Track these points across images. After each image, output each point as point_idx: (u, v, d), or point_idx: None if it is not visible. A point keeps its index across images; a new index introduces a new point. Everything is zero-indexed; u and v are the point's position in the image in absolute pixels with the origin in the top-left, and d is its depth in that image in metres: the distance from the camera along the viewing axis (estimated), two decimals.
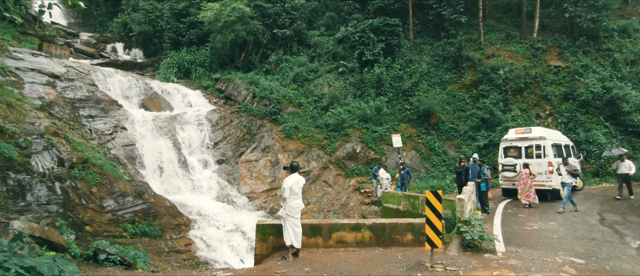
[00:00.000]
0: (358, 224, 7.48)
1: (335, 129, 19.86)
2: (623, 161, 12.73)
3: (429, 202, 5.89)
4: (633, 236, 8.01)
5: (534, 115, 20.72)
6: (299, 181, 6.66)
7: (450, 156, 19.28)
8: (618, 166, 12.86)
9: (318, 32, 26.32)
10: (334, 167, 18.66)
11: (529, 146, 13.22)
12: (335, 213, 16.64)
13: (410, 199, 11.73)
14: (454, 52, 22.55)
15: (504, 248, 7.14)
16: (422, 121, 20.68)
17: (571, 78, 21.17)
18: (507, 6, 27.48)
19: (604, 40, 22.40)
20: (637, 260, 6.26)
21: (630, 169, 12.62)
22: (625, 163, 12.66)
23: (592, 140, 18.93)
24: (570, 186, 10.74)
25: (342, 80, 22.60)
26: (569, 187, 10.71)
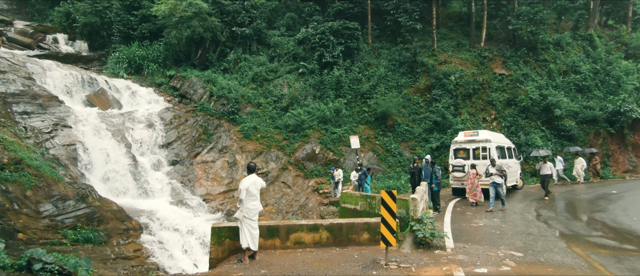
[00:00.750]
0: (316, 224, 7.53)
1: (295, 130, 19.84)
2: (545, 162, 13.85)
3: (384, 202, 6.07)
4: (562, 230, 8.83)
5: (481, 119, 22.14)
6: (256, 182, 6.55)
7: (405, 157, 20.03)
8: (541, 167, 13.98)
9: (278, 32, 26.15)
10: (293, 168, 18.62)
11: (476, 148, 14.10)
12: (294, 214, 16.60)
13: (367, 199, 12.01)
14: (410, 57, 23.48)
15: (453, 244, 7.55)
16: (379, 123, 21.29)
17: (513, 85, 22.92)
18: (458, 16, 29.13)
19: (541, 52, 24.53)
20: (567, 251, 6.91)
21: (551, 171, 13.84)
22: (547, 165, 13.76)
23: (531, 142, 20.61)
24: (501, 186, 11.37)
25: (302, 81, 22.63)
26: (501, 187, 11.33)
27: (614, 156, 22.23)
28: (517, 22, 23.67)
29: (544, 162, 13.90)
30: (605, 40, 27.32)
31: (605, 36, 28.03)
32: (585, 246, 7.27)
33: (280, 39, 25.26)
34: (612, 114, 21.52)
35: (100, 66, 24.67)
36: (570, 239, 7.92)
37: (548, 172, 13.73)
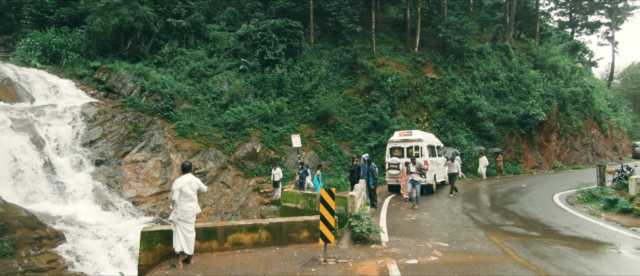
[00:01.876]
0: (255, 224, 7.41)
1: (235, 129, 19.31)
2: (452, 161, 14.56)
3: (323, 200, 6.19)
4: (482, 221, 9.80)
5: (414, 120, 23.62)
6: (191, 182, 6.22)
7: (345, 156, 20.61)
8: (448, 165, 14.70)
9: (218, 27, 25.21)
10: (233, 167, 18.11)
11: (410, 147, 15.02)
12: (233, 214, 16.15)
13: (308, 197, 12.12)
14: (350, 58, 24.19)
15: (387, 238, 7.96)
16: (320, 122, 21.61)
17: (443, 89, 24.82)
18: (395, 21, 30.71)
19: (467, 59, 26.91)
20: (485, 240, 7.68)
21: (457, 169, 14.61)
22: (454, 163, 14.48)
23: (457, 142, 22.51)
24: (420, 184, 11.80)
25: (243, 78, 22.09)
26: (419, 185, 11.72)
27: (524, 154, 25.22)
28: (447, 31, 25.68)
29: (451, 160, 14.58)
30: (518, 52, 30.84)
31: (518, 48, 31.64)
32: (499, 235, 8.14)
33: (220, 34, 24.39)
34: (523, 117, 24.39)
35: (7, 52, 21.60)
36: (487, 229, 8.81)
37: (455, 170, 14.45)
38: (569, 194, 14.34)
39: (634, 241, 7.57)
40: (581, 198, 13.18)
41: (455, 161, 14.65)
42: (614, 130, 35.91)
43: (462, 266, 5.95)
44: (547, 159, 26.63)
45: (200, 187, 6.38)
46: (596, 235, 8.12)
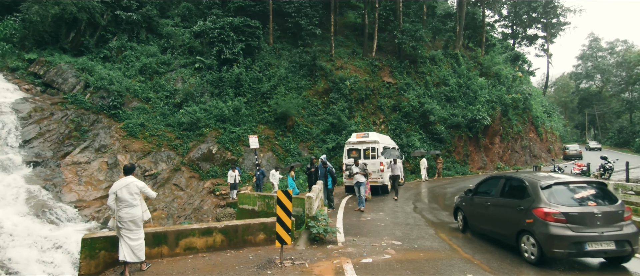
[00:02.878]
0: (209, 228, 7.17)
1: (190, 129, 18.59)
2: (395, 163, 14.15)
3: (280, 201, 6.14)
4: (432, 219, 10.29)
5: (371, 122, 24.26)
6: (129, 185, 5.72)
7: (304, 157, 20.65)
8: (392, 168, 14.21)
9: (172, 22, 24.17)
10: (187, 169, 17.41)
11: (367, 149, 15.39)
12: (186, 218, 15.52)
13: (265, 199, 11.98)
14: (310, 60, 24.31)
15: (343, 238, 8.07)
16: (279, 123, 21.47)
17: (398, 93, 25.76)
18: (353, 26, 31.37)
19: (420, 65, 28.16)
20: (435, 237, 8.07)
21: (400, 171, 14.20)
22: (397, 166, 14.13)
23: (411, 144, 23.45)
24: (364, 185, 11.68)
25: (198, 76, 21.34)
26: (363, 185, 11.59)
27: (471, 155, 26.88)
28: (402, 37, 26.70)
29: (394, 163, 14.18)
30: (466, 60, 32.85)
31: (467, 56, 33.70)
32: (448, 232, 8.59)
33: (175, 30, 23.40)
34: (471, 121, 26.00)
35: None
36: (437, 227, 9.26)
37: (397, 173, 14.11)
38: None
39: None
40: None
41: (398, 162, 14.38)
42: (548, 134, 39.47)
43: (414, 263, 6.20)
44: (491, 160, 28.59)
45: (144, 191, 5.92)
46: None
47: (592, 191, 6.07)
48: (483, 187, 8.04)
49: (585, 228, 5.56)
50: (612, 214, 5.71)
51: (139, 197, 5.87)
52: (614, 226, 5.64)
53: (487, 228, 7.46)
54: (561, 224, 5.60)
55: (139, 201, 5.87)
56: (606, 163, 16.14)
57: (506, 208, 6.73)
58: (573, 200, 5.92)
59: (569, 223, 5.60)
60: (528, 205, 6.09)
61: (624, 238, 5.54)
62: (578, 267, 6.03)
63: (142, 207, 5.93)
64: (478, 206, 7.76)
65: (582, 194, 6.03)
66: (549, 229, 5.62)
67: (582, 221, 5.61)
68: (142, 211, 5.93)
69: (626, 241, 5.54)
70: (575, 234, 5.52)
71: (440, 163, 23.07)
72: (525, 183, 6.45)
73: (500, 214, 6.92)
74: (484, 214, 7.47)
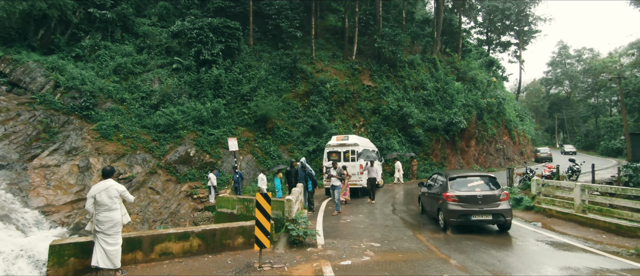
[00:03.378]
0: (186, 232, 7.01)
1: (167, 131, 18.15)
2: (372, 165, 13.90)
3: (259, 204, 6.09)
4: (411, 221, 10.45)
5: (351, 125, 24.45)
6: (109, 188, 5.61)
7: (284, 160, 20.54)
8: (368, 170, 13.91)
9: (149, 21, 23.56)
10: (164, 172, 16.98)
11: (346, 151, 15.48)
12: (163, 222, 15.12)
13: (245, 202, 11.82)
14: (290, 63, 24.27)
15: (323, 241, 8.08)
16: (259, 125, 21.29)
17: (378, 96, 26.08)
18: (334, 29, 31.57)
19: (399, 69, 28.64)
20: (413, 239, 8.20)
21: (376, 174, 13.82)
22: (374, 168, 13.83)
23: (390, 147, 23.78)
24: (340, 188, 11.78)
25: (176, 77, 20.88)
26: (338, 189, 11.68)
27: (448, 158, 27.52)
28: (382, 42, 27.09)
29: (371, 165, 13.88)
30: (444, 65, 33.69)
31: (444, 61, 34.56)
32: (426, 233, 8.75)
33: (151, 29, 22.82)
34: (448, 124, 26.63)
35: None
36: (415, 228, 9.42)
37: (374, 176, 13.75)
38: None
39: (535, 234, 8.68)
40: None
41: (375, 165, 14.10)
42: (520, 137, 40.94)
43: (392, 264, 6.28)
44: (467, 162, 29.35)
45: (123, 195, 5.82)
46: None
47: (481, 181, 8.85)
48: (429, 181, 10.74)
49: (470, 205, 8.43)
50: (491, 196, 8.47)
51: (118, 201, 5.76)
52: (492, 204, 8.41)
53: (428, 209, 10.38)
54: (455, 203, 8.52)
55: (119, 204, 5.77)
56: (574, 165, 16.89)
57: (434, 193, 9.58)
58: (466, 188, 8.69)
59: (461, 202, 8.49)
60: (442, 191, 8.88)
61: (499, 212, 8.35)
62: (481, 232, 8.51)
63: (121, 211, 5.85)
64: (425, 194, 10.60)
65: (473, 183, 8.81)
66: (448, 206, 8.54)
67: (468, 200, 8.47)
68: (122, 214, 5.84)
69: (500, 214, 8.36)
70: (464, 209, 8.41)
71: (415, 165, 23.48)
72: (444, 177, 9.28)
73: (432, 198, 9.81)
74: (427, 199, 10.35)
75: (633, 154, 26.55)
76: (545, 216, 10.94)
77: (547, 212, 11.07)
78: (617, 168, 18.67)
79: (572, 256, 6.78)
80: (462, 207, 8.44)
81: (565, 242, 7.90)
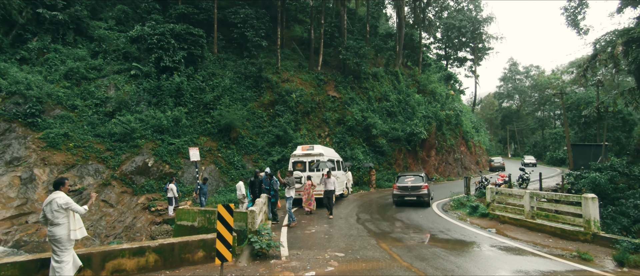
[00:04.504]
0: (142, 247, 6.63)
1: (123, 140, 17.21)
2: (328, 177, 12.78)
3: (221, 216, 5.91)
4: (374, 229, 10.61)
5: (317, 135, 24.57)
6: (52, 202, 5.20)
7: (248, 170, 20.17)
8: (325, 182, 12.75)
9: (105, 25, 22.44)
10: (118, 183, 16.02)
11: (312, 161, 15.50)
12: (117, 237, 14.20)
13: (206, 214, 11.40)
14: (255, 72, 24.06)
15: (287, 252, 7.97)
16: (222, 135, 20.79)
17: (343, 107, 26.49)
18: (300, 39, 31.82)
19: (364, 81, 29.33)
20: (376, 247, 8.31)
21: (334, 186, 12.92)
22: (331, 180, 12.82)
23: (354, 157, 24.13)
24: (292, 199, 11.49)
25: (134, 84, 19.95)
26: (290, 201, 11.39)
27: (410, 167, 28.38)
28: (346, 53, 27.66)
29: (327, 177, 12.79)
30: (405, 77, 34.96)
31: (406, 74, 35.88)
32: (389, 242, 8.90)
33: (108, 33, 21.74)
34: (409, 135, 27.54)
35: None
36: (379, 236, 9.57)
37: (331, 187, 12.78)
38: (444, 202, 16.60)
39: (490, 240, 9.13)
40: (453, 205, 15.38)
41: (332, 177, 13.13)
42: (476, 148, 43.19)
43: (356, 273, 6.31)
44: (428, 172, 30.43)
45: (71, 208, 5.33)
46: (463, 236, 9.54)
47: (413, 177, 15.47)
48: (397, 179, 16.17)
49: (404, 191, 15.11)
50: (417, 186, 14.96)
51: (62, 215, 5.26)
52: (417, 191, 14.92)
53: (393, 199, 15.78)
54: (397, 190, 15.32)
55: (64, 219, 5.28)
56: (524, 174, 18.06)
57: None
58: (404, 181, 15.41)
59: (399, 190, 15.25)
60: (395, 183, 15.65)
61: (420, 196, 14.91)
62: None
63: (69, 226, 5.32)
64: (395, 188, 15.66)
65: (408, 179, 15.45)
66: (394, 192, 15.55)
67: (403, 188, 15.16)
68: (70, 230, 5.32)
69: (421, 196, 14.91)
70: (401, 193, 15.21)
71: (374, 175, 23.90)
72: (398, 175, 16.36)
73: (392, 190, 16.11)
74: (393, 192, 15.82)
75: (574, 163, 28.86)
76: (499, 222, 11.55)
77: (500, 218, 11.69)
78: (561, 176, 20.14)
79: (524, 260, 7.18)
80: (400, 192, 15.21)
81: (517, 247, 8.37)
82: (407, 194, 14.94)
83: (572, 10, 21.38)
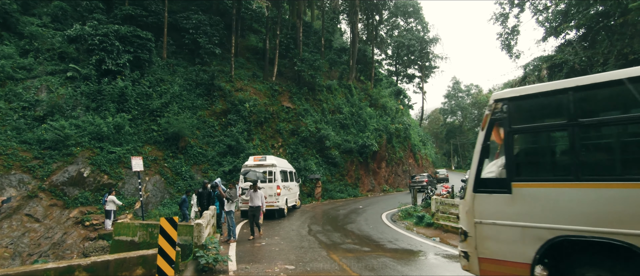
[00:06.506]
0: (70, 266, 5.98)
1: (54, 147, 15.66)
2: (256, 191, 10.94)
3: (163, 230, 5.56)
4: (325, 241, 10.64)
5: (270, 145, 24.30)
6: None
7: (197, 181, 19.32)
8: (251, 196, 10.86)
9: (39, 22, 20.53)
10: (47, 195, 14.49)
11: (264, 172, 15.25)
12: (42, 256, 12.76)
13: (149, 228, 10.67)
14: (207, 79, 23.33)
15: (235, 266, 7.69)
16: (170, 143, 19.77)
17: (297, 118, 26.55)
18: (255, 49, 31.53)
19: (318, 93, 29.73)
20: (327, 259, 8.32)
21: (261, 201, 11.00)
22: (258, 194, 10.93)
23: (308, 168, 24.19)
24: (232, 213, 10.68)
25: (71, 87, 18.35)
26: (231, 215, 10.60)
27: (362, 178, 29.08)
28: (302, 65, 27.91)
29: (255, 191, 10.93)
30: (358, 91, 36.05)
31: (358, 88, 37.01)
32: (339, 253, 8.96)
33: (42, 31, 19.89)
34: (361, 147, 28.28)
35: None
36: (330, 248, 9.60)
37: (258, 203, 10.88)
38: (393, 212, 17.17)
39: (434, 248, 9.56)
40: (401, 215, 15.95)
41: (259, 191, 11.16)
42: (423, 160, 45.48)
43: None
44: (378, 183, 31.37)
45: None
46: (410, 246, 9.89)
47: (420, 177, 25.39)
48: None
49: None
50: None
51: None
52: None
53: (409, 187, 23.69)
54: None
55: None
56: (465, 185, 19.29)
57: None
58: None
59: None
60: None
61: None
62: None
63: None
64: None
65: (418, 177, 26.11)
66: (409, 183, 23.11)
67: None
68: None
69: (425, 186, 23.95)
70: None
71: (319, 187, 23.69)
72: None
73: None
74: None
75: None
76: (443, 231, 12.16)
77: (444, 227, 12.32)
78: None
79: None
80: None
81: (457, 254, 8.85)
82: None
83: (506, 36, 23.59)
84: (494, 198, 4.50)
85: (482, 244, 4.55)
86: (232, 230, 10.56)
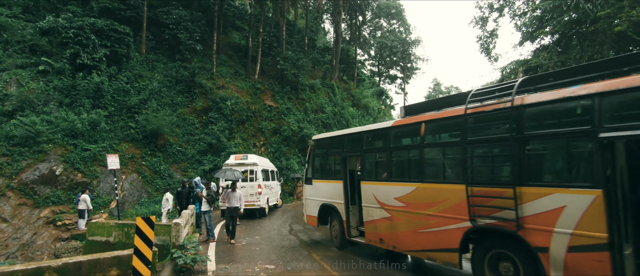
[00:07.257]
0: (40, 267, 5.73)
1: (24, 144, 15.01)
2: (234, 190, 10.15)
3: (139, 229, 5.41)
4: (307, 240, 10.63)
5: (252, 144, 24.06)
6: None
7: (176, 180, 18.93)
8: (229, 197, 10.15)
9: (9, 12, 19.62)
10: (15, 194, 13.86)
11: (245, 171, 15.10)
12: (9, 257, 12.20)
13: (124, 228, 10.36)
14: (188, 76, 22.87)
15: (215, 266, 7.58)
16: (148, 141, 19.27)
17: (279, 117, 26.39)
18: (237, 46, 31.14)
19: (301, 92, 29.64)
20: (308, 258, 8.31)
21: (240, 203, 10.18)
22: (236, 195, 10.13)
23: (290, 167, 24.08)
24: (210, 213, 10.39)
25: (43, 81, 17.61)
26: (209, 214, 10.34)
27: None
28: (285, 64, 27.75)
29: (232, 190, 10.13)
30: (341, 91, 36.17)
31: (341, 88, 37.13)
32: (320, 252, 8.97)
33: (12, 22, 19.01)
34: None
35: None
36: (311, 247, 9.59)
37: (236, 204, 10.08)
38: None
39: None
40: None
41: (237, 191, 10.30)
42: None
43: None
44: None
45: None
46: None
47: None
48: None
49: None
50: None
51: None
52: None
53: None
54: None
55: None
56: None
57: None
58: None
59: None
60: None
61: None
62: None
63: None
64: None
65: None
66: None
67: None
68: None
69: None
70: None
71: (301, 186, 23.68)
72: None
73: None
74: None
75: None
76: None
77: None
78: None
79: None
80: None
81: None
82: None
83: (485, 40, 24.19)
84: (308, 187, 10.31)
85: (305, 208, 10.44)
86: (211, 229, 10.39)
